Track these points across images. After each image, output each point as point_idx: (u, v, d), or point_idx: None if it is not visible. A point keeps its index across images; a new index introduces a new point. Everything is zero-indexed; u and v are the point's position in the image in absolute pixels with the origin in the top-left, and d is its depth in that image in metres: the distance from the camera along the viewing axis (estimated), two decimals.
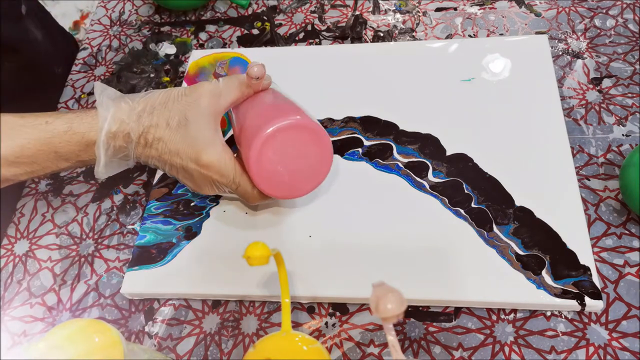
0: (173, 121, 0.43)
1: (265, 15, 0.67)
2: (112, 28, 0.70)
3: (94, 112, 0.44)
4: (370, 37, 0.62)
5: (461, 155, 0.50)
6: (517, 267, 0.44)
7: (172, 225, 0.51)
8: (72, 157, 0.44)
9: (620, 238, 0.46)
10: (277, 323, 0.46)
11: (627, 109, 0.52)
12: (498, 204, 0.47)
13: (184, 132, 0.43)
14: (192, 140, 0.43)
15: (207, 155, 0.43)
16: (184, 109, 0.44)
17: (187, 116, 0.43)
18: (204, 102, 0.44)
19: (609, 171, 0.49)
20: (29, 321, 0.50)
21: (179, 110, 0.44)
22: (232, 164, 0.44)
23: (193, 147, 0.43)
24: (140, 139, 0.44)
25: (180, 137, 0.43)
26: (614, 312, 0.43)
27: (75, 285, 0.51)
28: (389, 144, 0.52)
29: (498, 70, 0.55)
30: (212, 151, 0.43)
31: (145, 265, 0.49)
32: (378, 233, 0.47)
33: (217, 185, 0.45)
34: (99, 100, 0.44)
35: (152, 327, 0.48)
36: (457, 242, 0.46)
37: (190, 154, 0.43)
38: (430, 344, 0.43)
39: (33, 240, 0.55)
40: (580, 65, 0.55)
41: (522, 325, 0.43)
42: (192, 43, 0.66)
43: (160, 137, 0.43)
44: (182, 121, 0.43)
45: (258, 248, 0.36)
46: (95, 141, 0.43)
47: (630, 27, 0.57)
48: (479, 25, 0.60)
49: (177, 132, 0.43)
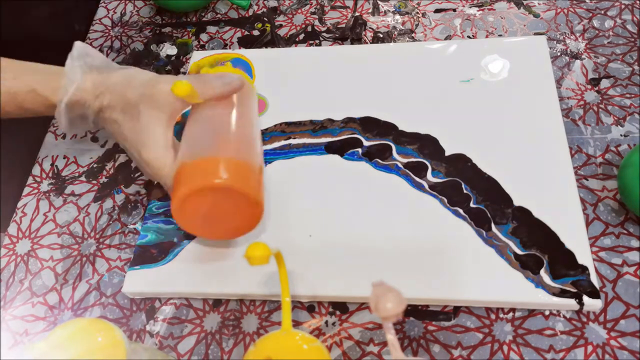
0: (127, 107, 0.44)
1: (265, 17, 0.67)
2: (114, 29, 0.70)
3: (60, 74, 0.45)
4: (370, 39, 0.62)
5: (460, 155, 0.50)
6: (515, 267, 0.44)
7: (173, 224, 0.51)
8: (38, 112, 0.46)
9: (618, 238, 0.46)
10: (277, 322, 0.47)
11: (626, 110, 0.52)
12: (497, 203, 0.47)
13: (134, 123, 0.44)
14: (139, 133, 0.44)
15: (147, 152, 0.44)
16: (140, 99, 0.44)
17: (141, 108, 0.44)
18: (160, 97, 0.44)
19: (607, 171, 0.49)
20: (31, 320, 0.50)
21: (135, 99, 0.44)
22: (168, 166, 0.44)
23: (137, 140, 0.44)
24: (99, 113, 0.45)
25: (130, 126, 0.44)
26: (613, 311, 0.43)
27: (76, 285, 0.52)
28: (388, 144, 0.52)
29: (497, 71, 0.55)
30: (152, 150, 0.44)
31: (147, 265, 0.49)
32: (377, 233, 0.48)
33: (152, 178, 0.46)
34: (70, 64, 0.45)
35: (153, 326, 0.48)
36: (456, 241, 0.46)
37: (135, 144, 0.44)
38: (430, 343, 0.44)
39: (35, 239, 0.55)
40: (578, 66, 0.56)
41: (521, 324, 0.43)
42: (193, 44, 0.67)
43: (115, 119, 0.45)
44: (135, 112, 0.44)
45: (259, 248, 0.36)
46: (57, 107, 0.45)
47: (629, 28, 0.57)
48: (478, 26, 0.61)
49: (129, 120, 0.44)
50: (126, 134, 0.44)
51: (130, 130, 0.44)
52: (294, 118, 0.56)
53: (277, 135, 0.55)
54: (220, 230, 0.45)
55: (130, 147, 0.45)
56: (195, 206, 0.42)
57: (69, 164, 0.60)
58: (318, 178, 0.52)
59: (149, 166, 0.44)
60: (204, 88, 0.45)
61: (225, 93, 0.46)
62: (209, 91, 0.45)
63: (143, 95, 0.44)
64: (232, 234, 0.46)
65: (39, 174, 0.60)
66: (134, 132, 0.44)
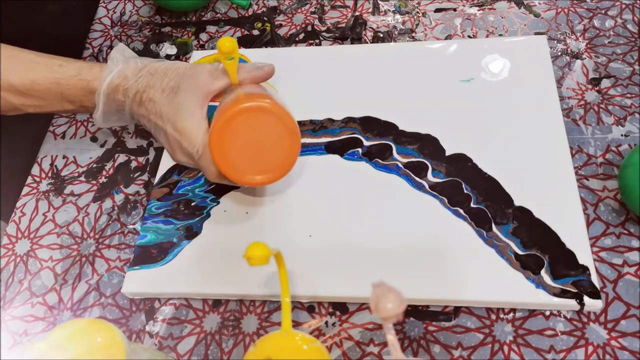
0: (167, 87, 0.46)
1: (265, 16, 0.67)
2: (113, 29, 0.70)
3: (103, 65, 0.48)
4: (370, 38, 0.62)
5: (460, 155, 0.50)
6: (516, 267, 0.44)
7: (173, 225, 0.51)
8: (76, 101, 0.48)
9: (619, 238, 0.46)
10: (277, 322, 0.47)
11: (626, 109, 0.52)
12: (497, 203, 0.47)
13: (172, 98, 0.46)
14: (176, 107, 0.46)
15: (182, 121, 0.45)
16: (181, 79, 0.46)
17: (180, 85, 0.46)
18: (200, 78, 0.46)
19: (608, 171, 0.49)
20: (30, 321, 0.50)
21: (175, 79, 0.47)
22: (201, 135, 0.45)
23: (174, 113, 0.46)
24: (136, 96, 0.47)
25: (168, 101, 0.46)
26: (613, 311, 0.43)
27: (76, 285, 0.51)
28: (388, 144, 0.52)
29: (497, 70, 0.55)
30: (188, 119, 0.45)
31: (146, 265, 0.49)
32: (378, 233, 0.47)
33: (185, 152, 0.46)
34: (113, 55, 0.48)
35: (152, 326, 0.48)
36: (456, 241, 0.46)
37: (171, 118, 0.46)
38: (430, 343, 0.44)
39: (34, 239, 0.55)
40: (579, 65, 0.55)
41: (521, 324, 0.43)
42: (193, 44, 0.66)
43: (152, 98, 0.46)
44: (175, 89, 0.46)
45: (258, 248, 0.36)
46: (97, 89, 0.47)
47: (629, 28, 0.57)
48: (478, 26, 0.61)
49: (167, 97, 0.46)
50: (162, 110, 0.46)
51: (167, 105, 0.46)
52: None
53: None
54: (256, 166, 0.44)
55: (164, 122, 0.46)
56: (233, 135, 0.43)
57: (68, 164, 0.60)
58: (318, 178, 0.51)
59: (183, 135, 0.45)
60: (239, 70, 0.47)
61: (257, 76, 0.48)
62: (243, 73, 0.47)
63: (184, 75, 0.47)
64: (268, 171, 0.45)
65: (38, 174, 0.60)
66: (171, 105, 0.46)
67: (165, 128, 0.46)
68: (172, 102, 0.46)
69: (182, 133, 0.45)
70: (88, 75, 0.47)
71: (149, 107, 0.47)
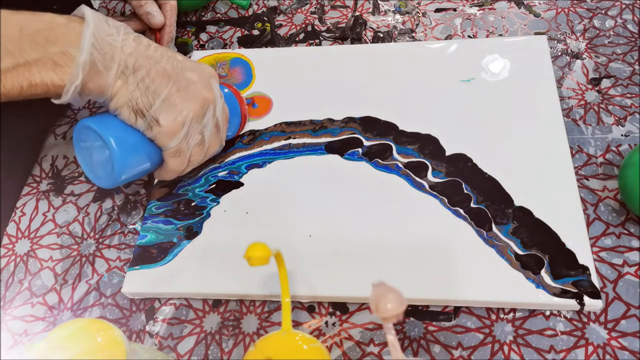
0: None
1: (265, 16, 0.67)
2: None
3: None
4: (370, 38, 0.62)
5: (460, 155, 0.50)
6: (516, 267, 0.44)
7: (173, 225, 0.51)
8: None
9: (619, 238, 0.46)
10: (277, 322, 0.47)
11: (626, 109, 0.52)
12: (497, 203, 0.47)
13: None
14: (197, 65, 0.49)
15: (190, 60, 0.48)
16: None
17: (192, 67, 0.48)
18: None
19: (608, 171, 0.49)
20: (30, 320, 0.50)
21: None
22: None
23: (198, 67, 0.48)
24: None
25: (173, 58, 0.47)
26: (613, 311, 0.43)
27: (76, 285, 0.51)
28: (388, 144, 0.52)
29: (497, 70, 0.55)
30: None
31: (146, 265, 0.49)
32: (378, 233, 0.47)
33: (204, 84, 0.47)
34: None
35: (153, 326, 0.48)
36: (456, 241, 0.46)
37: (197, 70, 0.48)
38: (430, 343, 0.44)
39: (34, 239, 0.55)
40: (579, 65, 0.55)
41: (522, 324, 0.43)
42: (193, 44, 0.66)
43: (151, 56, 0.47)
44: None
45: (258, 248, 0.36)
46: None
47: (630, 28, 0.57)
48: (479, 26, 0.61)
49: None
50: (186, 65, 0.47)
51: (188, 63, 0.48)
52: (294, 118, 0.56)
53: (277, 135, 0.55)
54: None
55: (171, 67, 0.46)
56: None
57: (68, 164, 0.60)
58: (318, 178, 0.51)
59: (195, 70, 0.47)
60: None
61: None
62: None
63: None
64: None
65: (39, 174, 0.60)
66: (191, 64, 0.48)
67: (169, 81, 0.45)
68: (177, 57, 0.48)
69: (193, 67, 0.47)
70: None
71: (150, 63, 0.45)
